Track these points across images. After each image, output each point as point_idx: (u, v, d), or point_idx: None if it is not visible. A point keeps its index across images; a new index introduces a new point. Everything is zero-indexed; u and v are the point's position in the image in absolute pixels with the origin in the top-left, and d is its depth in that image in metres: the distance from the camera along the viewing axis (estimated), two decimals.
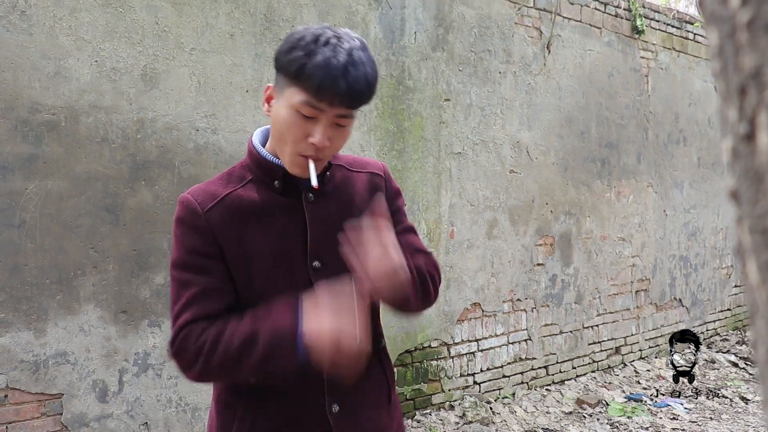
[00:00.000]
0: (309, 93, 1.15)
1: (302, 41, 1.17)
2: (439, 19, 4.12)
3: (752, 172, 0.32)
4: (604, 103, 5.25)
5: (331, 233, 1.30)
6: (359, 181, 1.39)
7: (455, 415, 4.06)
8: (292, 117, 1.19)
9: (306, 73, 1.14)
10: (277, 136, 1.24)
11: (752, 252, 0.33)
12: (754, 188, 0.32)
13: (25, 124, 2.66)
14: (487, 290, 4.39)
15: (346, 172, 1.38)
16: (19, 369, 2.65)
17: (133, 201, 2.93)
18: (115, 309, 2.89)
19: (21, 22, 2.65)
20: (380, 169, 1.43)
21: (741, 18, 0.31)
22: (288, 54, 1.18)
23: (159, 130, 3.00)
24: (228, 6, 3.21)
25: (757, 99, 0.31)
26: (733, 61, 0.32)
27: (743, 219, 0.34)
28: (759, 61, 0.30)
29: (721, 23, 0.33)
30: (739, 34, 0.31)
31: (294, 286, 1.26)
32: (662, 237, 5.87)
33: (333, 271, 1.28)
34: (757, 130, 0.31)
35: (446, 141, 4.15)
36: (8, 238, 2.62)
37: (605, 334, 5.32)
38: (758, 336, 0.34)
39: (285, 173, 1.27)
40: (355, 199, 1.36)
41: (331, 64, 1.14)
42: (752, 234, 0.33)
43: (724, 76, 0.34)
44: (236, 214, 1.27)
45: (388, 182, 1.43)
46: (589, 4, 5.11)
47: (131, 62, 2.93)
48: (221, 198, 1.27)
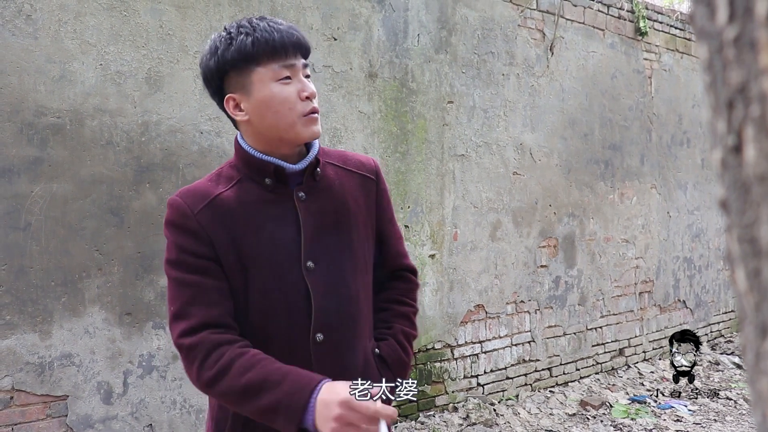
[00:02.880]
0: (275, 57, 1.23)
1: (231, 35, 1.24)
2: (442, 22, 4.14)
3: (740, 183, 0.33)
4: (608, 105, 5.26)
5: (325, 232, 1.30)
6: (351, 181, 1.39)
7: (459, 416, 4.07)
8: (277, 87, 1.23)
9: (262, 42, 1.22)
10: (274, 118, 1.25)
11: (741, 260, 0.34)
12: (742, 199, 0.33)
13: (30, 127, 2.68)
14: (490, 292, 4.40)
15: (338, 170, 1.39)
16: (25, 371, 2.67)
17: (137, 203, 2.94)
18: (119, 311, 2.90)
19: (26, 26, 2.67)
20: (372, 172, 1.44)
21: (728, 35, 0.32)
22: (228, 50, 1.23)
23: (163, 133, 3.02)
24: (231, 9, 3.23)
25: (743, 113, 0.32)
26: (722, 75, 0.33)
27: (732, 228, 0.35)
28: (745, 77, 0.31)
29: (710, 39, 0.34)
30: (727, 50, 0.32)
31: (287, 287, 1.27)
32: (666, 238, 5.86)
33: (326, 272, 1.29)
34: (744, 143, 0.32)
35: (449, 143, 4.16)
36: (14, 241, 2.64)
37: (609, 335, 5.32)
38: (747, 341, 0.35)
39: (276, 169, 1.28)
40: (347, 199, 1.36)
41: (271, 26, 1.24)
42: (740, 243, 0.34)
43: (713, 89, 0.35)
44: (227, 215, 1.26)
45: (378, 185, 1.45)
46: (592, 6, 5.11)
47: (136, 65, 2.94)
48: (211, 199, 1.26)
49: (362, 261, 1.37)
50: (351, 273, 1.33)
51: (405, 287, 1.49)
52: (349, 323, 1.33)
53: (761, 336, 0.32)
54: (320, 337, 1.28)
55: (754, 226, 0.32)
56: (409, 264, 1.52)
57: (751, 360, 0.34)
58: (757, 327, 0.32)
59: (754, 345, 0.33)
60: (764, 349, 0.32)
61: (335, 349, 1.30)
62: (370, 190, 1.41)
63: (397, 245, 1.49)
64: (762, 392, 0.33)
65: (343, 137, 3.65)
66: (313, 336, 1.28)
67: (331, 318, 1.30)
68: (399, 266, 1.50)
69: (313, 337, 1.28)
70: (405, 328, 1.43)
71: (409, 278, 1.51)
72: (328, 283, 1.30)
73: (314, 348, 1.28)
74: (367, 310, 1.39)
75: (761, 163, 0.31)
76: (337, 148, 3.52)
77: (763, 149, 0.31)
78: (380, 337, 1.42)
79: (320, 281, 1.29)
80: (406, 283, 1.50)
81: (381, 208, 1.44)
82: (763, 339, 0.32)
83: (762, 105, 0.30)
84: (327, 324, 1.29)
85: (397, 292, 1.47)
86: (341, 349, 1.31)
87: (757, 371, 0.33)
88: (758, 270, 0.32)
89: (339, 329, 1.31)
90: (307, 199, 1.30)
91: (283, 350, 1.26)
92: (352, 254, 1.34)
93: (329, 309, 1.29)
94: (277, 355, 1.24)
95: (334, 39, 3.62)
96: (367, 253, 1.39)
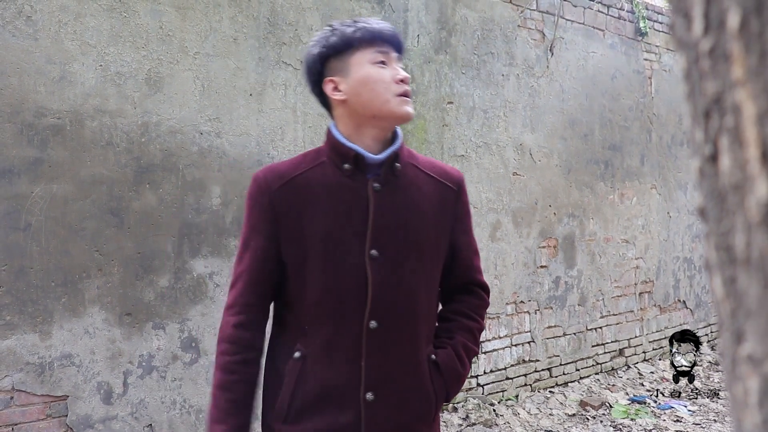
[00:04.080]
0: (374, 44, 1.34)
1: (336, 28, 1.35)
2: (442, 22, 4.14)
3: (716, 192, 0.34)
4: (608, 105, 5.26)
5: (393, 225, 1.33)
6: (432, 186, 1.42)
7: (458, 417, 4.07)
8: (374, 69, 1.33)
9: (365, 30, 1.33)
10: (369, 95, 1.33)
11: (718, 267, 0.35)
12: (718, 207, 0.34)
13: (30, 128, 2.68)
14: (490, 292, 4.40)
15: (419, 173, 1.41)
16: (25, 371, 2.68)
17: (137, 204, 2.95)
18: (119, 311, 2.91)
19: (27, 27, 2.68)
20: (455, 183, 1.47)
21: (703, 46, 0.33)
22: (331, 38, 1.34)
23: (163, 134, 3.02)
24: (231, 10, 3.24)
25: (719, 123, 0.32)
26: (699, 85, 0.34)
27: (710, 236, 0.35)
28: (720, 88, 0.32)
29: (687, 49, 0.35)
30: (702, 61, 0.33)
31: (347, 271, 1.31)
32: (666, 239, 5.86)
33: (389, 262, 1.32)
34: (720, 153, 0.33)
35: (449, 144, 4.17)
36: (14, 241, 2.65)
37: (609, 336, 5.32)
38: (724, 348, 0.36)
39: (356, 156, 1.33)
40: (422, 201, 1.38)
41: (369, 22, 1.36)
42: (717, 250, 0.35)
43: (691, 99, 0.35)
44: (301, 194, 1.33)
45: (459, 197, 1.47)
46: (592, 6, 5.11)
47: (136, 66, 2.95)
48: (290, 179, 1.35)
49: (428, 263, 1.39)
50: (414, 271, 1.35)
51: (475, 303, 1.50)
52: (406, 318, 1.34)
53: (736, 342, 0.33)
54: (374, 324, 1.31)
55: (729, 235, 0.33)
56: (481, 280, 1.53)
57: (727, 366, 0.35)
58: (733, 333, 0.33)
59: (730, 351, 0.34)
60: (739, 355, 0.33)
61: (387, 340, 1.32)
62: (450, 199, 1.44)
63: (470, 258, 1.50)
64: (737, 397, 0.34)
65: None
66: (366, 323, 1.30)
67: (387, 309, 1.32)
68: (471, 280, 1.51)
69: (366, 323, 1.30)
70: (467, 342, 1.44)
71: (480, 294, 1.52)
72: (389, 275, 1.32)
73: (366, 335, 1.30)
74: (427, 311, 1.40)
75: (735, 173, 0.31)
76: None
77: (737, 159, 0.31)
78: (440, 345, 1.43)
79: (381, 271, 1.31)
80: (477, 299, 1.51)
81: (458, 219, 1.46)
82: (738, 345, 0.33)
83: (736, 116, 0.31)
84: (382, 314, 1.31)
85: (465, 306, 1.48)
86: (394, 342, 1.33)
87: (733, 377, 0.34)
88: (734, 278, 0.33)
89: (394, 322, 1.32)
90: (381, 190, 1.33)
91: (335, 331, 1.31)
92: (418, 253, 1.36)
93: (386, 299, 1.32)
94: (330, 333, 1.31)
95: None
96: (434, 258, 1.41)
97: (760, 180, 0.29)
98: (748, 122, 0.30)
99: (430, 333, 1.42)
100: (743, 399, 0.33)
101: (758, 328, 0.31)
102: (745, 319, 0.32)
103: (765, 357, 0.30)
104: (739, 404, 0.33)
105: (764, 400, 0.31)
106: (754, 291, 0.31)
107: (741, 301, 0.32)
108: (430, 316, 1.42)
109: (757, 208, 0.30)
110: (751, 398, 0.32)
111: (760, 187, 0.29)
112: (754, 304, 0.31)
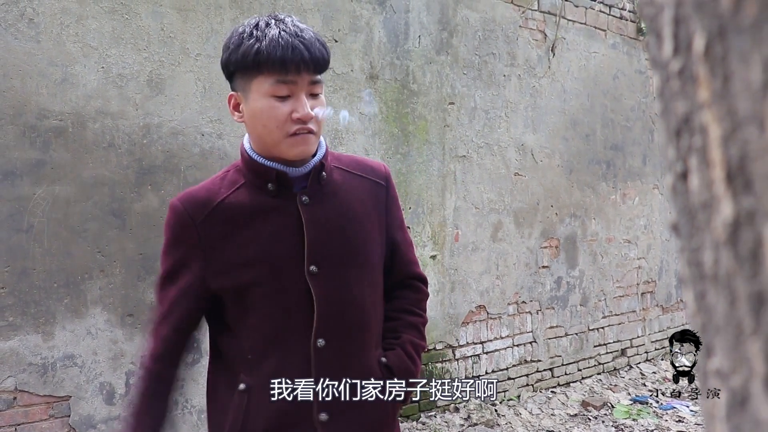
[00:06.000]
0: (275, 71, 1.19)
1: (244, 35, 1.22)
2: (443, 23, 4.14)
3: (687, 209, 0.34)
4: (609, 106, 5.26)
5: (328, 237, 1.28)
6: (360, 186, 1.36)
7: (460, 417, 4.08)
8: (270, 103, 1.21)
9: (264, 55, 1.18)
10: (262, 131, 1.24)
11: (690, 282, 0.35)
12: (689, 224, 0.34)
13: (32, 130, 2.70)
14: (492, 293, 4.41)
15: (346, 175, 1.36)
16: (28, 372, 2.69)
17: (139, 205, 2.97)
18: (121, 312, 2.93)
19: (29, 29, 2.69)
20: (382, 178, 1.41)
21: (673, 67, 0.33)
22: (237, 51, 1.21)
23: (165, 136, 3.04)
24: (233, 12, 3.25)
25: (688, 143, 0.33)
26: (670, 104, 0.35)
27: (683, 251, 0.36)
28: (689, 109, 0.32)
29: (660, 68, 0.35)
30: (672, 82, 0.34)
31: (289, 291, 1.26)
32: (668, 239, 5.86)
33: (331, 276, 1.27)
34: (690, 172, 0.33)
35: (451, 144, 4.17)
36: (17, 243, 2.67)
37: (611, 336, 5.32)
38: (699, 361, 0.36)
39: (278, 174, 1.26)
40: (355, 204, 1.33)
41: (282, 37, 1.19)
42: (689, 266, 0.35)
43: (665, 117, 0.36)
44: (228, 222, 1.26)
45: (388, 192, 1.42)
46: (594, 6, 5.11)
47: (137, 68, 2.96)
48: (214, 207, 1.27)
49: (370, 267, 1.35)
50: (357, 279, 1.31)
51: (415, 297, 1.46)
52: (354, 330, 1.31)
53: (706, 356, 0.34)
54: (321, 342, 1.26)
55: (699, 251, 0.34)
56: (419, 273, 1.49)
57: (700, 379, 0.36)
58: (703, 348, 0.34)
59: (701, 365, 0.35)
60: (709, 369, 0.33)
61: (337, 356, 1.28)
62: (380, 195, 1.39)
63: (407, 253, 1.46)
64: (708, 410, 0.34)
65: (344, 139, 3.67)
66: (314, 341, 1.26)
67: (334, 324, 1.27)
68: (409, 274, 1.47)
69: (314, 342, 1.26)
70: (414, 338, 1.41)
71: (419, 288, 1.48)
72: (332, 288, 1.27)
73: (315, 353, 1.26)
74: (375, 318, 1.36)
75: (704, 192, 0.32)
76: (338, 149, 3.54)
77: (704, 179, 0.32)
78: (388, 346, 1.39)
79: (324, 286, 1.26)
80: (416, 292, 1.47)
81: (391, 214, 1.41)
82: (708, 359, 0.34)
83: (703, 137, 0.32)
84: (329, 330, 1.27)
85: (406, 302, 1.45)
86: (343, 357, 1.29)
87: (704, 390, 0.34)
88: (703, 293, 0.34)
89: (342, 336, 1.28)
90: (311, 203, 1.28)
91: (282, 356, 1.26)
92: (359, 260, 1.32)
93: (332, 315, 1.27)
94: (277, 359, 1.25)
95: (335, 41, 3.63)
96: (376, 260, 1.37)
97: (725, 200, 0.30)
98: (713, 144, 0.31)
99: (378, 336, 1.39)
100: (712, 412, 0.33)
101: (726, 343, 0.31)
102: (713, 334, 0.33)
103: (732, 371, 0.31)
104: (710, 417, 0.34)
105: (732, 413, 0.31)
106: (721, 307, 0.32)
107: (710, 316, 0.33)
108: (378, 321, 1.39)
109: (723, 228, 0.30)
110: (719, 411, 0.33)
111: (725, 207, 0.30)
112: (722, 320, 0.32)
